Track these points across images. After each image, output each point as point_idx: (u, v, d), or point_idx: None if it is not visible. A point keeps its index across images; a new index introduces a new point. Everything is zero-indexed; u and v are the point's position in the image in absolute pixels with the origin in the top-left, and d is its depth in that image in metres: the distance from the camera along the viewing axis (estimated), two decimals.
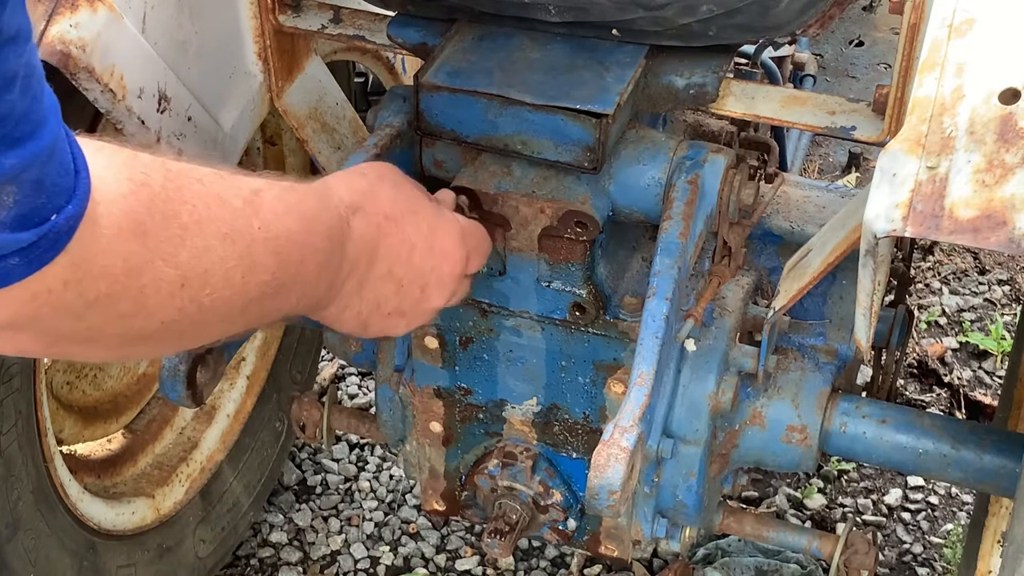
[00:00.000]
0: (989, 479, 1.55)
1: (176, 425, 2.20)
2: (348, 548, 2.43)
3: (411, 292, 1.31)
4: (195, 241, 0.97)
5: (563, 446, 1.65)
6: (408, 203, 1.30)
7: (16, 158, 0.78)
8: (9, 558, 1.64)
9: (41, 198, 0.81)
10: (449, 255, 1.33)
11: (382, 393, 1.72)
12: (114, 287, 0.90)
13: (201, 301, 0.99)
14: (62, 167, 0.83)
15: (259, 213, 1.06)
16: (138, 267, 0.92)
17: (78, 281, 0.87)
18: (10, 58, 0.76)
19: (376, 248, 1.25)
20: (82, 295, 0.88)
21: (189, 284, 0.97)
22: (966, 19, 1.16)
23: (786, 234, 1.67)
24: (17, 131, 0.78)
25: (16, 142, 0.78)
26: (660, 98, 1.48)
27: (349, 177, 1.29)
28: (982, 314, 3.00)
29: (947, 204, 1.03)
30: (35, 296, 0.85)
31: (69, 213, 0.83)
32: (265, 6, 1.66)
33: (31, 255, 0.82)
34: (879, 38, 3.08)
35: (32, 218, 0.81)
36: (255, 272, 1.05)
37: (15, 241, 0.80)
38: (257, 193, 1.07)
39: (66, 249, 0.84)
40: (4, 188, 0.78)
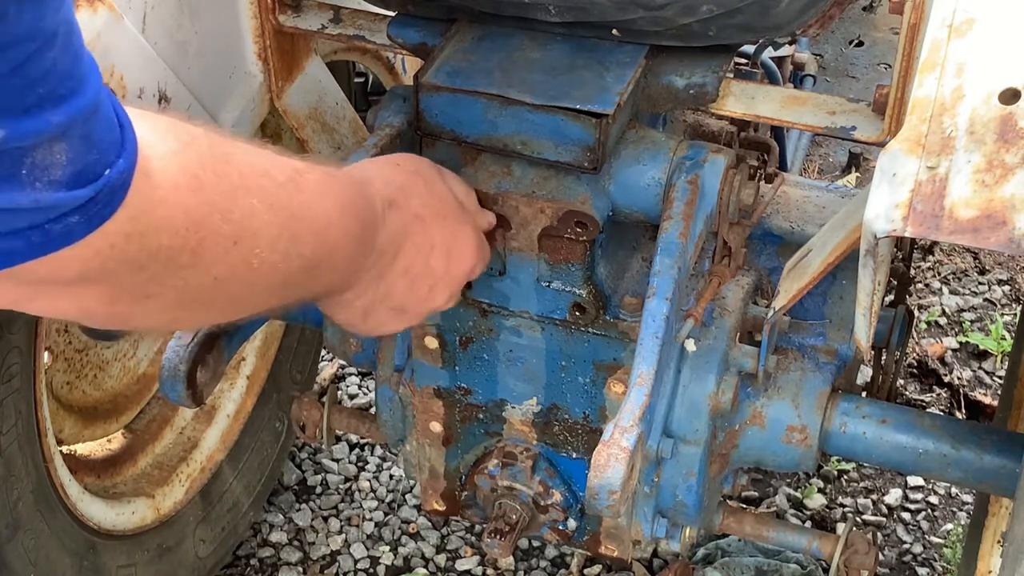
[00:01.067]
0: (989, 479, 1.55)
1: (176, 425, 2.20)
2: (348, 548, 2.43)
3: (419, 290, 1.34)
4: (244, 202, 0.99)
5: (563, 446, 1.65)
6: (438, 205, 1.34)
7: (63, 115, 0.78)
8: (9, 558, 1.64)
9: (92, 154, 0.82)
10: (463, 261, 1.37)
11: (382, 393, 1.72)
12: (175, 239, 0.92)
13: (251, 261, 1.01)
14: (108, 122, 0.84)
15: (301, 191, 1.08)
16: (198, 220, 0.93)
17: (140, 234, 0.88)
18: (47, 15, 0.76)
19: (402, 244, 1.29)
20: (145, 247, 0.90)
21: (241, 242, 0.99)
22: (966, 19, 1.16)
23: (786, 234, 1.67)
24: (62, 88, 0.78)
25: (61, 99, 0.78)
26: (660, 98, 1.48)
27: (386, 169, 1.32)
28: (982, 314, 3.00)
29: (947, 204, 1.03)
30: (98, 252, 0.86)
31: (121, 167, 0.84)
32: (265, 6, 1.66)
33: (90, 211, 0.83)
34: (879, 38, 3.08)
35: (86, 174, 0.81)
36: (296, 244, 1.07)
37: (73, 199, 0.81)
38: (299, 173, 1.09)
39: (124, 203, 0.85)
40: (54, 146, 0.78)
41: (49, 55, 0.77)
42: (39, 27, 0.75)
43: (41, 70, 0.76)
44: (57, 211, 0.81)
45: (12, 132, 0.75)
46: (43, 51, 0.76)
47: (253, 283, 1.05)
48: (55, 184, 0.79)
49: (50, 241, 0.82)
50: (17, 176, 0.77)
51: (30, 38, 0.75)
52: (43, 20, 0.76)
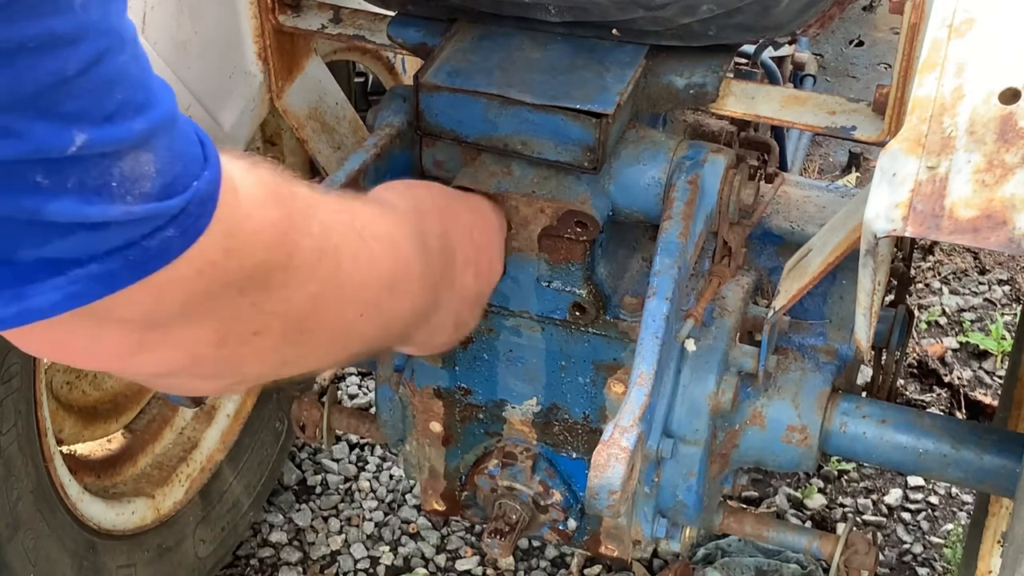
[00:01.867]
0: (989, 479, 1.55)
1: (176, 425, 2.20)
2: (348, 548, 2.43)
3: (483, 270, 1.39)
4: (319, 216, 0.99)
5: (563, 446, 1.65)
6: (445, 195, 1.38)
7: (144, 122, 0.77)
8: (9, 558, 1.64)
9: (179, 165, 0.81)
10: (494, 226, 1.42)
11: (382, 393, 1.72)
12: (268, 254, 0.91)
13: (338, 276, 1.01)
14: (187, 136, 0.83)
15: (356, 214, 1.09)
16: (284, 233, 0.93)
17: (236, 250, 0.87)
18: (114, 15, 0.75)
19: (449, 239, 1.31)
20: (242, 265, 0.88)
21: (325, 255, 0.99)
22: (966, 19, 1.16)
23: (786, 234, 1.67)
24: (139, 96, 0.77)
25: (140, 108, 0.77)
26: (660, 98, 1.48)
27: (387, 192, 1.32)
28: (982, 314, 3.00)
29: (947, 204, 1.03)
30: (199, 272, 0.84)
31: (209, 178, 0.83)
32: (265, 6, 1.66)
33: (185, 223, 0.81)
34: (879, 38, 3.09)
35: (176, 185, 0.80)
36: (374, 257, 1.08)
37: (166, 209, 0.79)
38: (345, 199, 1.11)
39: (216, 216, 0.83)
40: (141, 156, 0.77)
41: (121, 58, 0.75)
42: (107, 24, 0.74)
43: (116, 72, 0.75)
44: (151, 224, 0.79)
45: (94, 138, 0.73)
46: (115, 51, 0.75)
47: (344, 302, 1.04)
48: (146, 196, 0.78)
49: (149, 258, 0.80)
50: (107, 187, 0.75)
51: (100, 34, 0.73)
52: (110, 19, 0.74)
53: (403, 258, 1.16)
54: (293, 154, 2.18)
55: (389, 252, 1.12)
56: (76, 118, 0.72)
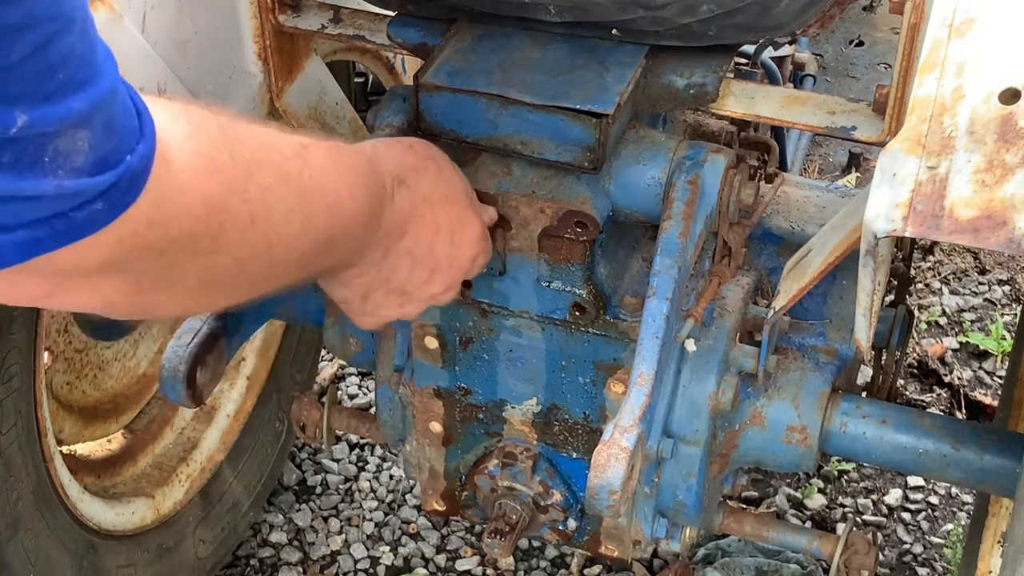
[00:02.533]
0: (989, 479, 1.55)
1: (176, 425, 2.20)
2: (348, 548, 2.43)
3: (420, 274, 1.35)
4: (258, 179, 0.99)
5: (563, 446, 1.65)
6: (447, 190, 1.35)
7: (84, 101, 0.78)
8: (9, 558, 1.64)
9: (113, 141, 0.82)
10: (465, 248, 1.37)
11: (382, 393, 1.71)
12: (196, 224, 0.92)
13: (269, 239, 1.02)
14: (126, 109, 0.84)
15: (309, 165, 1.08)
16: (217, 203, 0.94)
17: (162, 221, 0.88)
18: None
19: (408, 223, 1.29)
20: (166, 234, 0.90)
21: (257, 220, 0.99)
22: (966, 19, 1.16)
23: (786, 234, 1.67)
24: (80, 74, 0.78)
25: (81, 85, 0.78)
26: (660, 98, 1.48)
27: (398, 149, 1.32)
28: (982, 314, 3.00)
29: (947, 204, 1.03)
30: (121, 239, 0.86)
31: (142, 152, 0.84)
32: (265, 6, 1.66)
33: (113, 197, 0.83)
34: (879, 38, 3.09)
35: (108, 161, 0.81)
36: (311, 218, 1.08)
37: (96, 184, 0.81)
38: (305, 147, 1.09)
39: (145, 189, 0.85)
40: (77, 132, 0.78)
41: (67, 40, 0.77)
42: (57, 10, 0.75)
43: (60, 55, 0.76)
44: (80, 198, 0.81)
45: (35, 118, 0.75)
46: (62, 35, 0.76)
47: (271, 261, 1.05)
48: (77, 171, 0.79)
49: (74, 229, 0.82)
50: (39, 163, 0.77)
51: (49, 19, 0.75)
52: (61, 4, 0.76)
53: (345, 217, 1.15)
54: None
55: (330, 210, 1.12)
56: (18, 99, 0.74)
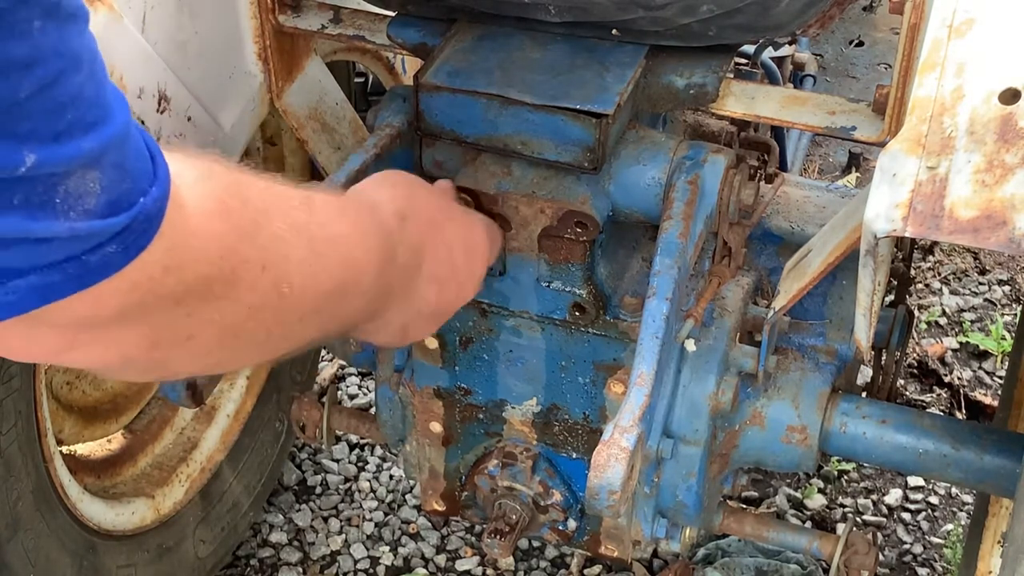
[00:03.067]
0: (989, 479, 1.55)
1: (176, 425, 2.20)
2: (348, 548, 2.43)
3: (449, 292, 1.36)
4: (269, 226, 0.98)
5: (563, 446, 1.65)
6: (444, 208, 1.36)
7: (94, 141, 0.77)
8: (9, 558, 1.64)
9: (126, 182, 0.80)
10: (480, 251, 1.40)
11: (382, 393, 1.72)
12: (211, 269, 0.91)
13: (281, 287, 1.00)
14: (139, 151, 0.83)
15: (315, 214, 1.07)
16: (230, 248, 0.92)
17: (177, 267, 0.87)
18: (73, 36, 0.75)
19: (423, 252, 1.29)
20: (182, 279, 0.88)
21: (270, 267, 0.98)
22: (966, 19, 1.16)
23: (786, 234, 1.67)
24: (90, 115, 0.77)
25: (91, 126, 0.77)
26: (660, 98, 1.48)
27: (384, 187, 1.31)
28: (982, 314, 3.00)
29: (947, 204, 1.03)
30: (136, 285, 0.84)
31: (155, 195, 0.83)
32: (265, 6, 1.66)
33: (127, 240, 0.81)
34: (879, 38, 3.09)
35: (121, 203, 0.80)
36: (323, 267, 1.07)
37: (109, 227, 0.79)
38: (308, 197, 1.08)
39: (160, 233, 0.83)
40: (87, 173, 0.77)
41: (76, 79, 0.75)
42: (64, 47, 0.74)
43: (68, 94, 0.75)
44: (94, 240, 0.79)
45: (44, 157, 0.74)
46: (69, 73, 0.75)
47: (285, 311, 1.03)
48: (89, 213, 0.78)
49: (88, 273, 0.80)
50: (51, 204, 0.75)
51: (57, 56, 0.73)
52: (68, 41, 0.74)
53: (356, 265, 1.14)
54: (293, 154, 2.18)
55: (342, 258, 1.11)
56: (27, 138, 0.72)
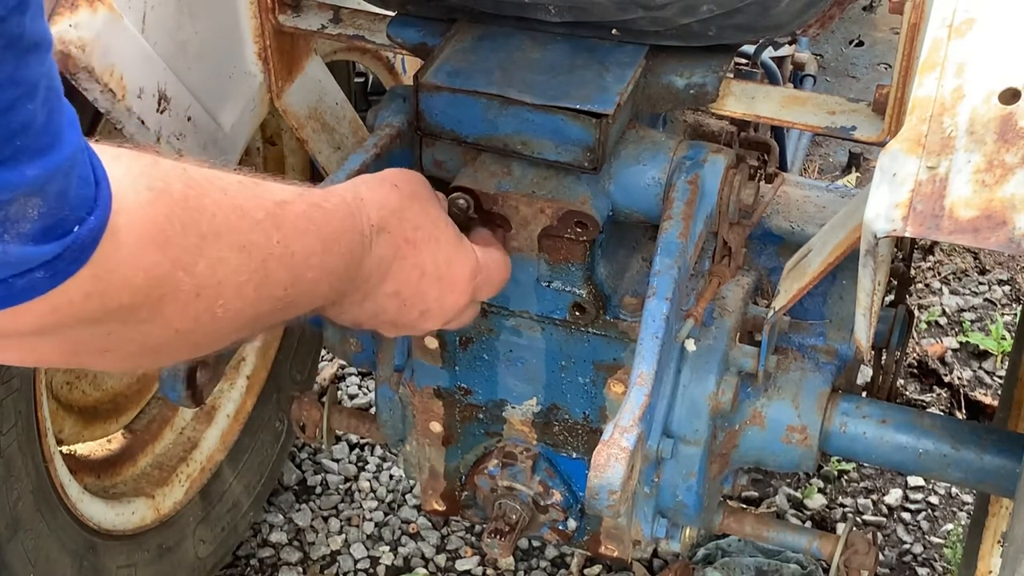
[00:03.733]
0: (989, 479, 1.55)
1: (176, 425, 2.20)
2: (348, 548, 2.43)
3: (410, 313, 1.32)
4: (212, 252, 0.96)
5: (563, 446, 1.64)
6: (431, 229, 1.31)
7: (39, 169, 0.77)
8: (9, 558, 1.64)
9: (64, 210, 0.80)
10: (456, 287, 1.33)
11: (382, 393, 1.72)
12: (135, 297, 0.90)
13: (214, 311, 0.98)
14: (83, 178, 0.82)
15: (280, 227, 1.05)
16: (159, 277, 0.91)
17: (100, 293, 0.86)
18: (32, 65, 0.75)
19: (389, 269, 1.26)
20: (104, 305, 0.88)
21: (203, 295, 0.96)
22: (966, 19, 1.16)
23: (786, 234, 1.67)
24: (38, 142, 0.77)
25: (37, 153, 0.77)
26: (660, 98, 1.48)
27: (381, 190, 1.28)
28: (982, 314, 3.00)
29: (947, 204, 1.03)
30: (56, 308, 0.84)
31: (92, 224, 0.82)
32: (265, 6, 1.66)
33: (55, 268, 0.81)
34: (879, 38, 3.09)
35: (56, 230, 0.80)
36: (268, 286, 1.05)
37: (40, 254, 0.79)
38: (282, 206, 1.06)
39: (89, 261, 0.83)
40: (28, 200, 0.77)
41: (29, 107, 0.75)
42: (20, 76, 0.74)
43: (20, 122, 0.75)
44: (23, 266, 0.79)
45: None
46: (23, 101, 0.74)
47: (216, 330, 1.02)
48: (23, 237, 0.78)
49: (12, 295, 0.80)
50: None
51: (12, 85, 0.73)
52: (24, 70, 0.74)
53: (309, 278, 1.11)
54: (293, 154, 2.18)
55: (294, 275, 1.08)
56: None
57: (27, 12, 0.73)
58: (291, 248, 1.06)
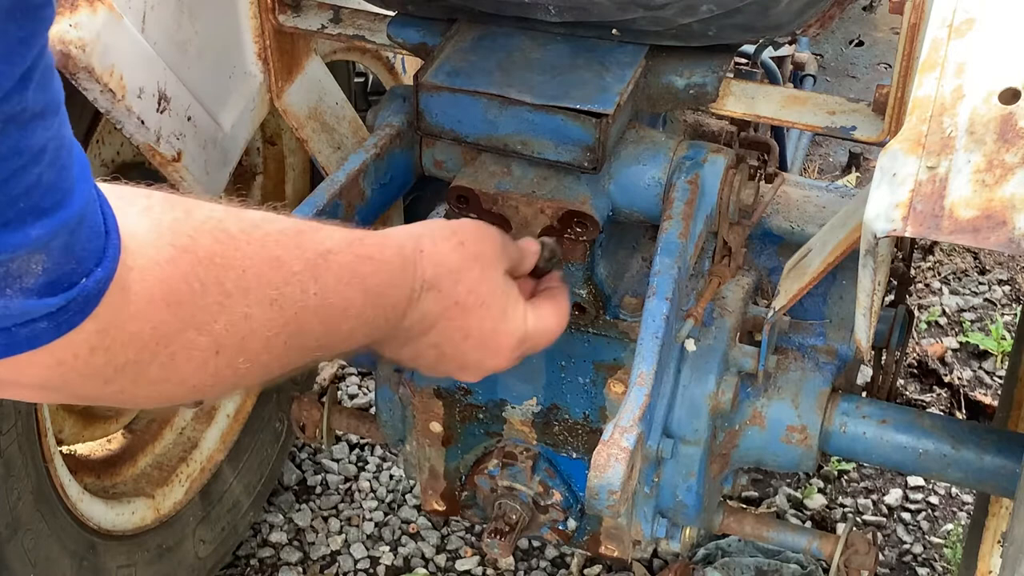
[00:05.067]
0: (989, 479, 1.55)
1: (176, 425, 2.20)
2: (348, 548, 2.43)
3: (448, 364, 1.29)
4: (236, 308, 0.94)
5: (563, 446, 1.64)
6: (486, 295, 1.26)
7: (44, 228, 0.76)
8: (9, 558, 1.64)
9: (71, 263, 0.79)
10: (498, 355, 1.30)
11: (382, 393, 1.71)
12: (142, 354, 0.88)
13: (236, 367, 0.97)
14: (92, 230, 0.81)
15: (319, 279, 1.03)
16: (167, 335, 0.89)
17: (105, 348, 0.85)
18: (37, 132, 0.74)
19: (433, 326, 1.23)
20: (110, 361, 0.87)
21: (224, 351, 0.95)
22: (966, 19, 1.16)
23: (786, 234, 1.67)
24: (45, 201, 0.76)
25: (43, 212, 0.76)
26: (660, 98, 1.48)
27: (446, 245, 1.23)
28: (982, 314, 3.00)
29: (947, 204, 1.03)
30: (61, 361, 0.83)
31: (98, 276, 0.81)
32: (265, 6, 1.66)
33: (59, 319, 0.80)
34: (879, 38, 3.09)
35: (61, 283, 0.79)
36: (300, 337, 1.03)
37: (44, 306, 0.78)
38: (325, 256, 1.04)
39: (93, 314, 0.82)
40: (32, 257, 0.76)
41: (34, 171, 0.74)
42: (24, 145, 0.73)
43: (23, 186, 0.74)
44: (26, 316, 0.78)
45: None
46: (28, 168, 0.74)
47: (238, 383, 1.01)
48: (26, 291, 0.77)
49: (14, 344, 0.79)
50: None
51: (15, 155, 0.72)
52: (30, 138, 0.73)
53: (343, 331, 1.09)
54: (293, 154, 2.18)
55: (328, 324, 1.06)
56: None
57: (30, 86, 0.72)
58: (328, 300, 1.04)
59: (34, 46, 0.71)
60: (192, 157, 1.61)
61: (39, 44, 0.72)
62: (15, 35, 0.69)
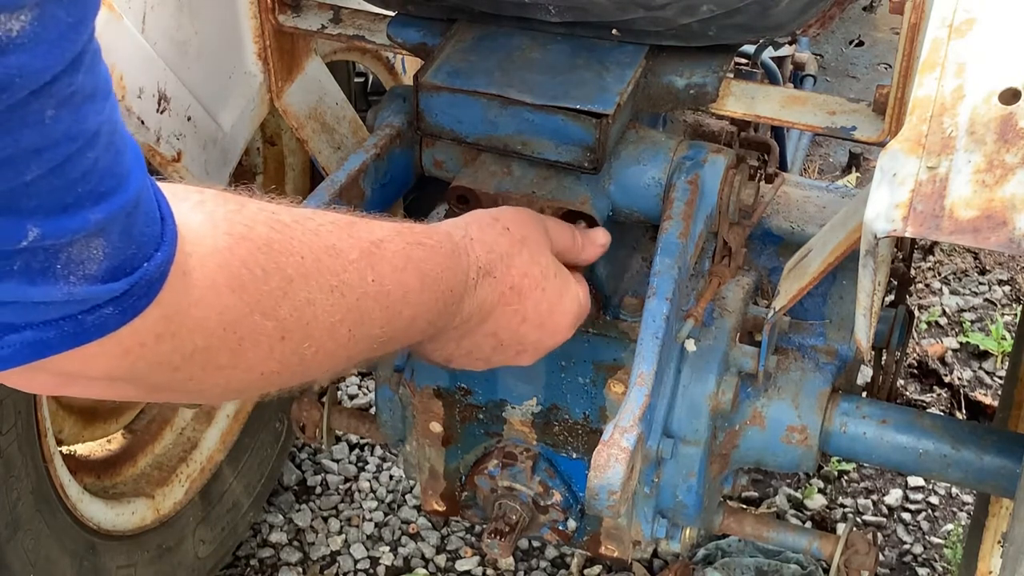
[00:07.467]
0: (989, 479, 1.55)
1: (176, 425, 2.20)
2: (348, 548, 2.43)
3: (506, 353, 1.31)
4: (299, 294, 0.95)
5: (563, 446, 1.64)
6: (539, 277, 1.28)
7: (102, 212, 0.77)
8: (9, 558, 1.64)
9: (131, 248, 0.80)
10: (556, 333, 1.33)
11: (382, 393, 1.71)
12: (210, 340, 0.89)
13: (303, 354, 0.98)
14: (148, 216, 0.82)
15: (375, 266, 1.04)
16: (234, 320, 0.90)
17: (172, 335, 0.86)
18: (89, 116, 0.75)
19: (491, 313, 1.25)
20: (178, 348, 0.87)
21: (290, 337, 0.96)
22: (966, 19, 1.16)
23: (786, 234, 1.67)
24: (102, 186, 0.77)
25: (101, 197, 0.77)
26: (660, 98, 1.48)
27: (491, 233, 1.26)
28: (982, 314, 3.00)
29: (947, 204, 1.03)
30: (128, 350, 0.84)
31: (159, 260, 0.82)
32: (265, 6, 1.66)
33: (124, 304, 0.81)
34: (879, 38, 3.09)
35: (123, 268, 0.80)
36: (362, 325, 1.04)
37: (108, 291, 0.79)
38: (378, 244, 1.06)
39: (157, 300, 0.83)
40: (92, 242, 0.77)
41: (90, 155, 0.75)
42: (79, 129, 0.74)
43: (80, 170, 0.75)
44: (91, 303, 0.79)
45: (48, 230, 0.74)
46: (83, 151, 0.74)
47: (307, 371, 1.02)
48: (89, 278, 0.78)
49: (83, 332, 0.80)
50: (51, 270, 0.75)
51: (69, 140, 0.73)
52: (83, 122, 0.74)
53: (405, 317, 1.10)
54: (293, 154, 2.18)
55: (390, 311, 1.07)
56: (32, 213, 0.73)
57: (80, 69, 0.73)
58: (387, 286, 1.06)
59: (83, 32, 0.72)
60: (192, 157, 1.61)
61: (87, 30, 0.73)
62: (64, 20, 0.70)
